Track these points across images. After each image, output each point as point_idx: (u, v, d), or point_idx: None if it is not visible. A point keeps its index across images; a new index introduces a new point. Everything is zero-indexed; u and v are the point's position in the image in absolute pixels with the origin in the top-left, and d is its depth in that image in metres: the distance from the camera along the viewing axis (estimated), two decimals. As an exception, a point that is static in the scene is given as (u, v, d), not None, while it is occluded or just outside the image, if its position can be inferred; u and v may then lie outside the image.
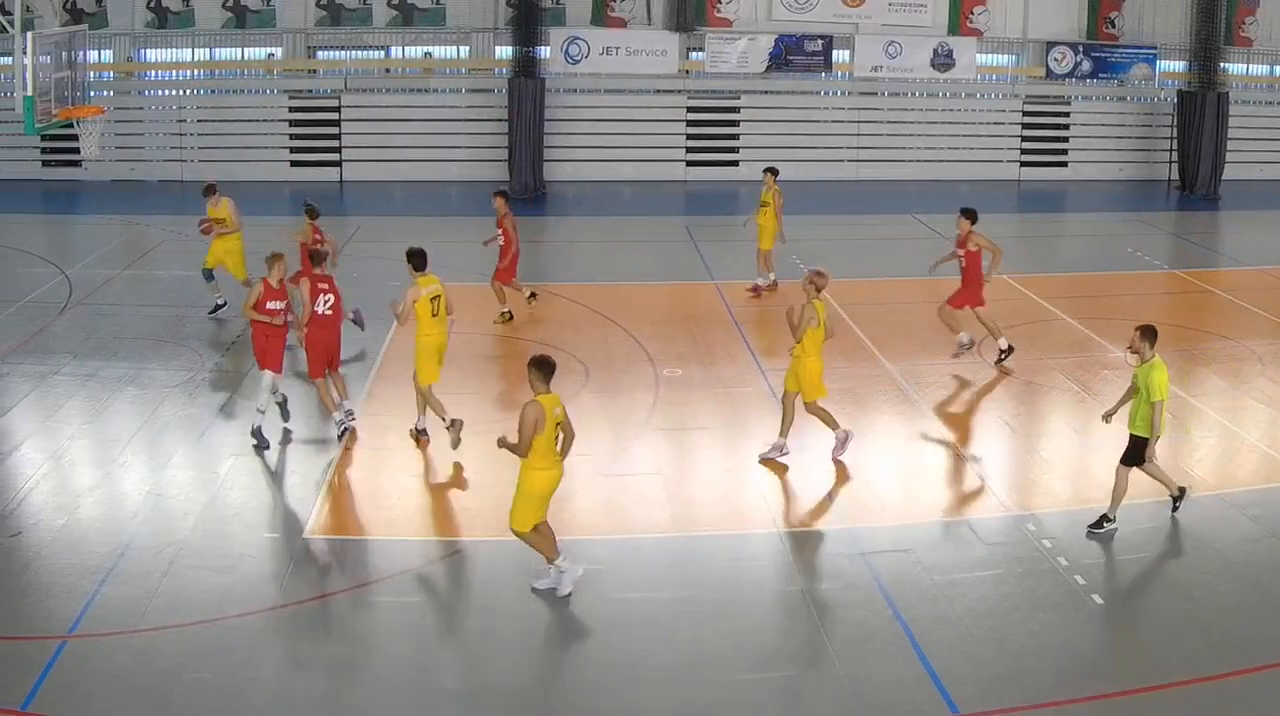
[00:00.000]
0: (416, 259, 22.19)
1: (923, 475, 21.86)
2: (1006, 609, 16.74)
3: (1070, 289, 33.53)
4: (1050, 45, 51.98)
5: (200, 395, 24.75)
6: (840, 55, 51.15)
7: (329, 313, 22.40)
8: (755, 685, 15.03)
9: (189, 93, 51.04)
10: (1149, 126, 53.38)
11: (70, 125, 29.87)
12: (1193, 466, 21.66)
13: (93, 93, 32.91)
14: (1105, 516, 18.78)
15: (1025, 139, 53.33)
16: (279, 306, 22.06)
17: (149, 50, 50.36)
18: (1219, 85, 50.50)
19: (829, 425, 21.63)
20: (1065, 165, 53.54)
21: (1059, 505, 20.09)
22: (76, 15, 46.48)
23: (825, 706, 14.63)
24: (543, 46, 48.93)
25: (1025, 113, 53.11)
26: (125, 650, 15.56)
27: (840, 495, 20.43)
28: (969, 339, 26.85)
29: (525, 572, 17.53)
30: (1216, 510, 19.82)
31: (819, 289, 21.52)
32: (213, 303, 29.24)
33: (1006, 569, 17.82)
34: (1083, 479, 21.48)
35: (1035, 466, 21.88)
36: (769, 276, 32.85)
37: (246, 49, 50.36)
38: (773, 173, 33.45)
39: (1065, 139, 53.75)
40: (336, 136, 50.56)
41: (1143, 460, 18.79)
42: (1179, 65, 52.42)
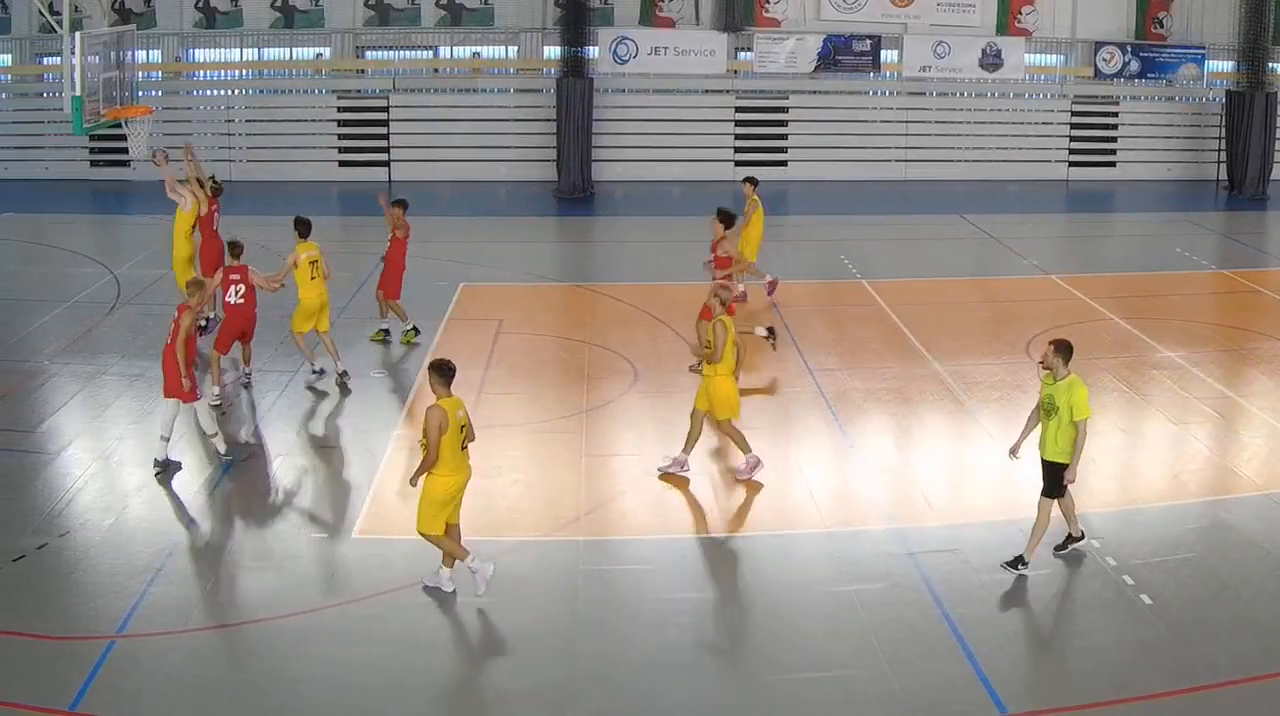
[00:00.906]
0: (302, 227, 25.65)
1: (970, 475, 21.84)
2: (1055, 609, 16.75)
3: (1118, 289, 33.37)
4: (1099, 45, 51.71)
5: (247, 396, 24.95)
6: (889, 55, 50.98)
7: (241, 302, 24.56)
8: (805, 685, 15.05)
9: (237, 93, 51.31)
10: (1197, 126, 53.04)
11: (118, 125, 29.93)
12: (1241, 466, 21.58)
13: (141, 93, 32.97)
14: (1021, 557, 17.56)
15: (1073, 139, 53.02)
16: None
17: (197, 50, 50.62)
18: (1267, 85, 50.10)
19: (740, 447, 21.04)
20: (1113, 165, 53.23)
21: (1107, 505, 20.03)
22: (125, 15, 46.59)
23: (874, 706, 14.64)
24: (591, 46, 48.89)
25: (1073, 113, 52.83)
26: (173, 650, 15.67)
27: (888, 495, 20.39)
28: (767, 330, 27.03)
29: (573, 573, 17.65)
30: (1266, 510, 19.76)
31: (724, 303, 21.18)
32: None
33: (1054, 569, 17.80)
34: (1130, 478, 21.44)
35: (1082, 466, 21.72)
36: (751, 281, 31.72)
37: (295, 49, 50.53)
38: (751, 182, 32.33)
39: (1113, 139, 53.42)
40: (385, 137, 50.63)
41: (1064, 490, 17.76)
42: (1227, 65, 52.09)
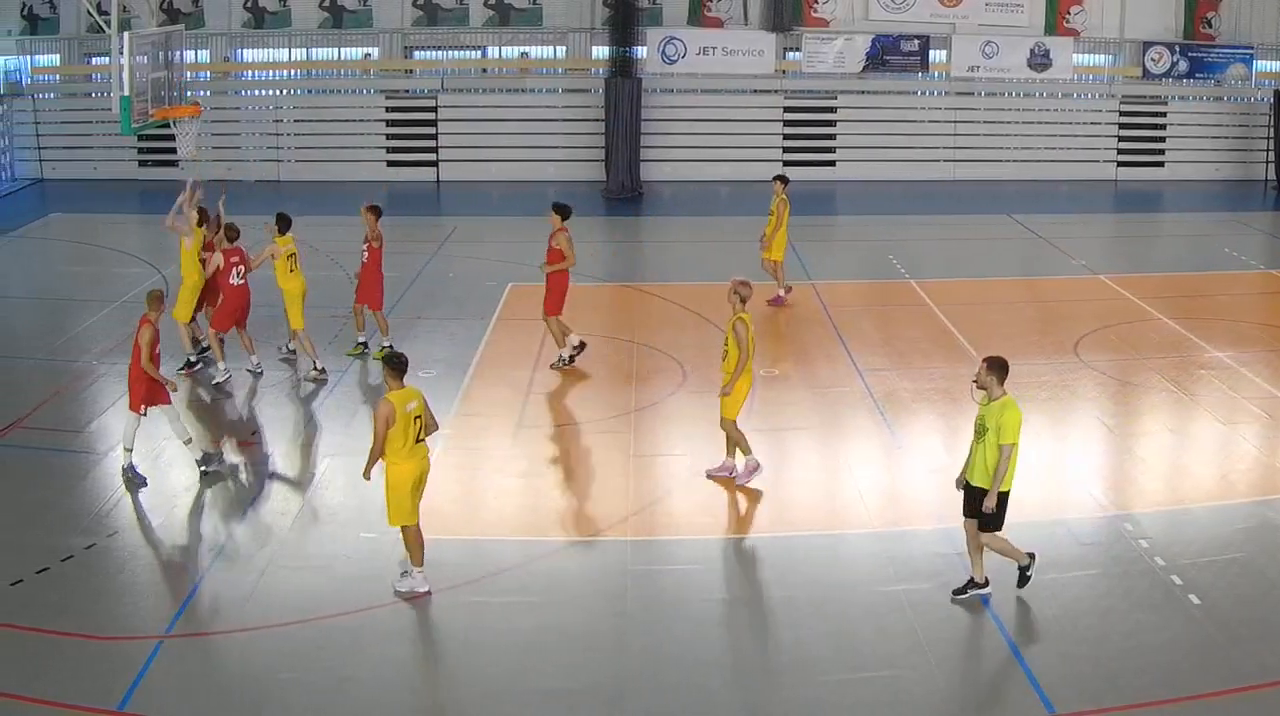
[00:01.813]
0: (282, 223, 26.00)
1: (1018, 475, 21.77)
2: (1103, 609, 16.70)
3: (1167, 289, 33.23)
4: (1147, 45, 51.45)
5: (295, 396, 25.13)
6: (937, 55, 50.84)
7: (241, 282, 25.19)
8: (854, 685, 15.10)
9: (285, 93, 51.59)
10: (1245, 126, 52.71)
11: (167, 125, 29.99)
12: (1290, 466, 21.56)
13: (189, 93, 33.06)
14: (972, 580, 16.98)
15: (1122, 139, 52.74)
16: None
17: (245, 50, 50.84)
18: (1316, 85, 49.97)
19: (741, 448, 20.66)
20: (1162, 165, 52.94)
21: (1156, 505, 19.99)
22: (173, 15, 46.89)
23: (922, 706, 14.68)
24: (639, 46, 48.97)
25: (1122, 113, 52.57)
26: (222, 650, 15.80)
27: (936, 495, 20.32)
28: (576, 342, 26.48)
29: (624, 573, 17.72)
30: (1316, 510, 19.69)
31: (744, 299, 20.36)
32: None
33: (1103, 569, 17.78)
34: (1180, 478, 21.39)
35: (1132, 466, 21.74)
36: (786, 286, 31.61)
37: (343, 49, 50.73)
38: (782, 180, 31.87)
39: (1162, 139, 53.11)
40: (433, 136, 50.78)
41: (1000, 522, 16.67)
42: (1275, 65, 51.88)
